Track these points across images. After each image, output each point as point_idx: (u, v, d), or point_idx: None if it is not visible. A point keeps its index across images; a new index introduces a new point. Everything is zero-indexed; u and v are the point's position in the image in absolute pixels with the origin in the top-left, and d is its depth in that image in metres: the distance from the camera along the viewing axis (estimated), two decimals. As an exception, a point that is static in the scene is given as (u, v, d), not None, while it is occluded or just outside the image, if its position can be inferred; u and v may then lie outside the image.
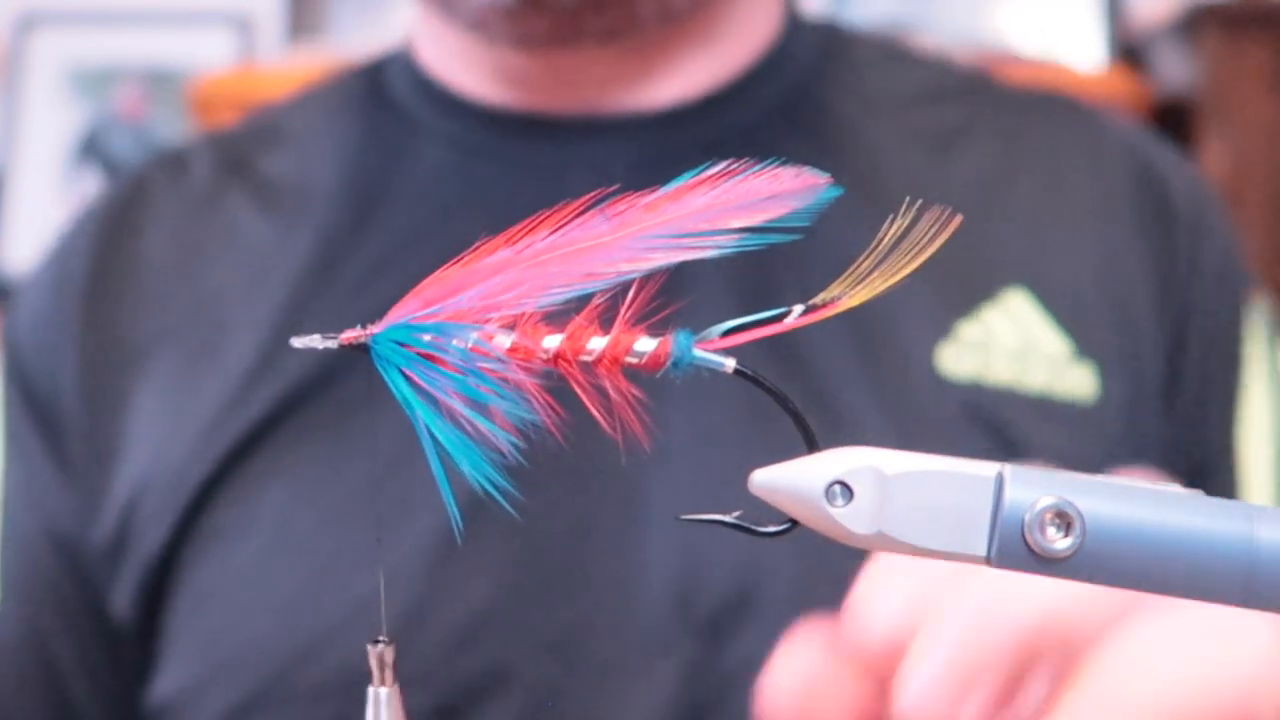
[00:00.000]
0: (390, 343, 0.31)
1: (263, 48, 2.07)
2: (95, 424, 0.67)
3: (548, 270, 0.31)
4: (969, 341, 0.64)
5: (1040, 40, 1.84)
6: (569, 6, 0.64)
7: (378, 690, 0.33)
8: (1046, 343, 0.65)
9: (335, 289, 0.67)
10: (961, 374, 0.63)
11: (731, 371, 0.31)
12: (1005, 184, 0.70)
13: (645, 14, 0.66)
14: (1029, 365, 0.64)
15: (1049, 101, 0.76)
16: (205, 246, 0.71)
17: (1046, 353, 0.64)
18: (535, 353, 0.31)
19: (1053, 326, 0.65)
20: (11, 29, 2.09)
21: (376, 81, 0.75)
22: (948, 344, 0.64)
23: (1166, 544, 0.29)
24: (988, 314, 0.65)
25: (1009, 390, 0.63)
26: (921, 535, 0.29)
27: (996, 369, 0.64)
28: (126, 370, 0.67)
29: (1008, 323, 0.65)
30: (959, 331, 0.64)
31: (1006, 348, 0.64)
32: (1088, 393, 0.64)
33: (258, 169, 0.73)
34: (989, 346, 0.64)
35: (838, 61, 0.73)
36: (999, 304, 0.65)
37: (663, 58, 0.69)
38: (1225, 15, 1.61)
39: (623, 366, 0.31)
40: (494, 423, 0.31)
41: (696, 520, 0.33)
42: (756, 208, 0.31)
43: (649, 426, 0.31)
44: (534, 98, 0.70)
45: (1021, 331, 0.65)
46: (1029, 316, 0.65)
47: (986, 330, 0.64)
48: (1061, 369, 0.64)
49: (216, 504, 0.63)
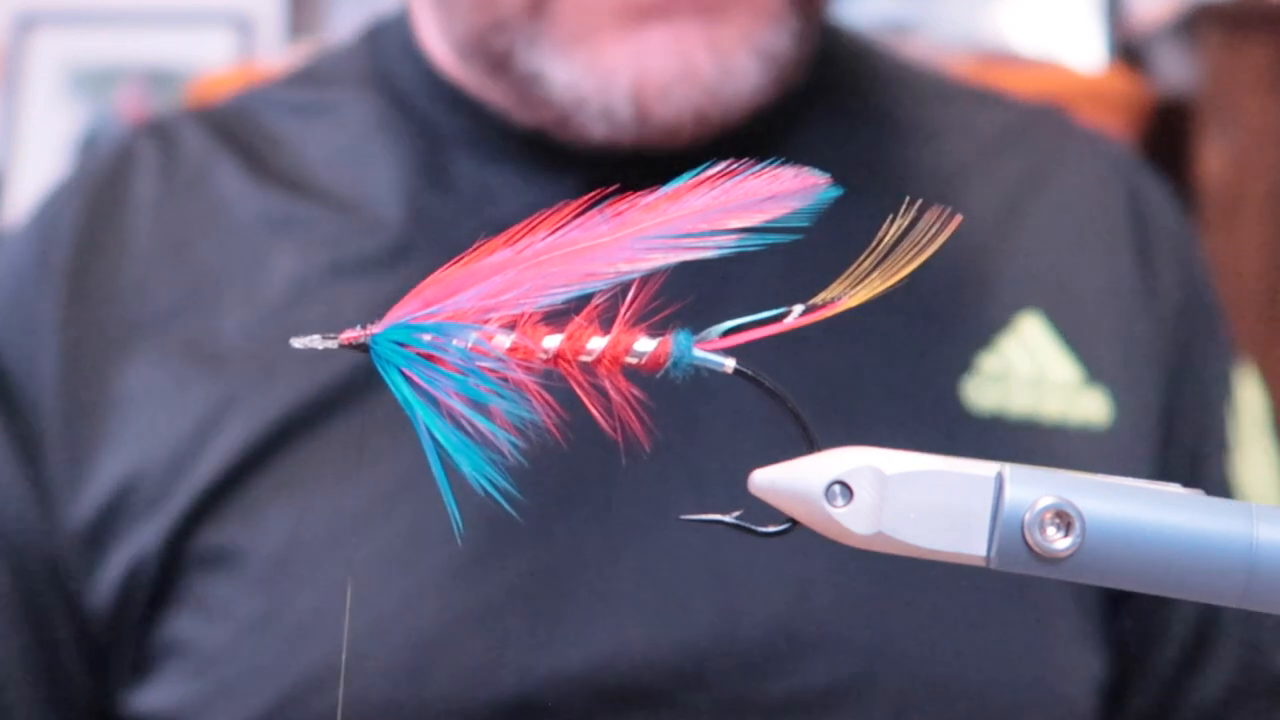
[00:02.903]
0: (390, 343, 0.31)
1: (263, 48, 2.06)
2: (75, 406, 0.64)
3: (548, 270, 0.31)
4: (990, 374, 0.64)
5: (1040, 40, 1.84)
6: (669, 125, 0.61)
7: None
8: (1059, 370, 0.65)
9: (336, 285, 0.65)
10: (985, 407, 0.64)
11: (731, 371, 0.31)
12: (1019, 208, 0.70)
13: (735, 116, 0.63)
14: (1044, 394, 0.64)
15: (1046, 117, 0.75)
16: (198, 222, 0.68)
17: (1059, 380, 0.65)
18: (535, 353, 0.31)
19: (1065, 352, 0.66)
20: (11, 29, 2.08)
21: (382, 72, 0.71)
22: (970, 377, 0.64)
23: (1166, 543, 0.29)
24: (1005, 344, 0.65)
25: (1029, 421, 0.64)
26: (921, 535, 0.29)
27: (1017, 400, 0.64)
28: (113, 350, 0.65)
29: (1023, 351, 0.65)
30: (981, 364, 0.65)
31: (1023, 377, 0.64)
32: (1101, 419, 0.65)
33: (250, 144, 0.70)
34: (1008, 377, 0.64)
35: (867, 88, 0.73)
36: (1015, 332, 0.66)
37: None
38: (1225, 15, 1.60)
39: (623, 367, 0.31)
40: (494, 423, 0.31)
41: (696, 520, 0.33)
42: (756, 208, 0.31)
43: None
44: None
45: (1036, 359, 0.65)
46: (1042, 342, 0.66)
47: (1005, 361, 0.65)
48: (1074, 396, 0.65)
49: (224, 515, 0.61)
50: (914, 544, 0.29)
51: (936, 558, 0.30)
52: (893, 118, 0.72)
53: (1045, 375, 0.65)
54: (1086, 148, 0.74)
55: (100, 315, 0.66)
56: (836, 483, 0.30)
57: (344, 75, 0.73)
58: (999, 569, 0.29)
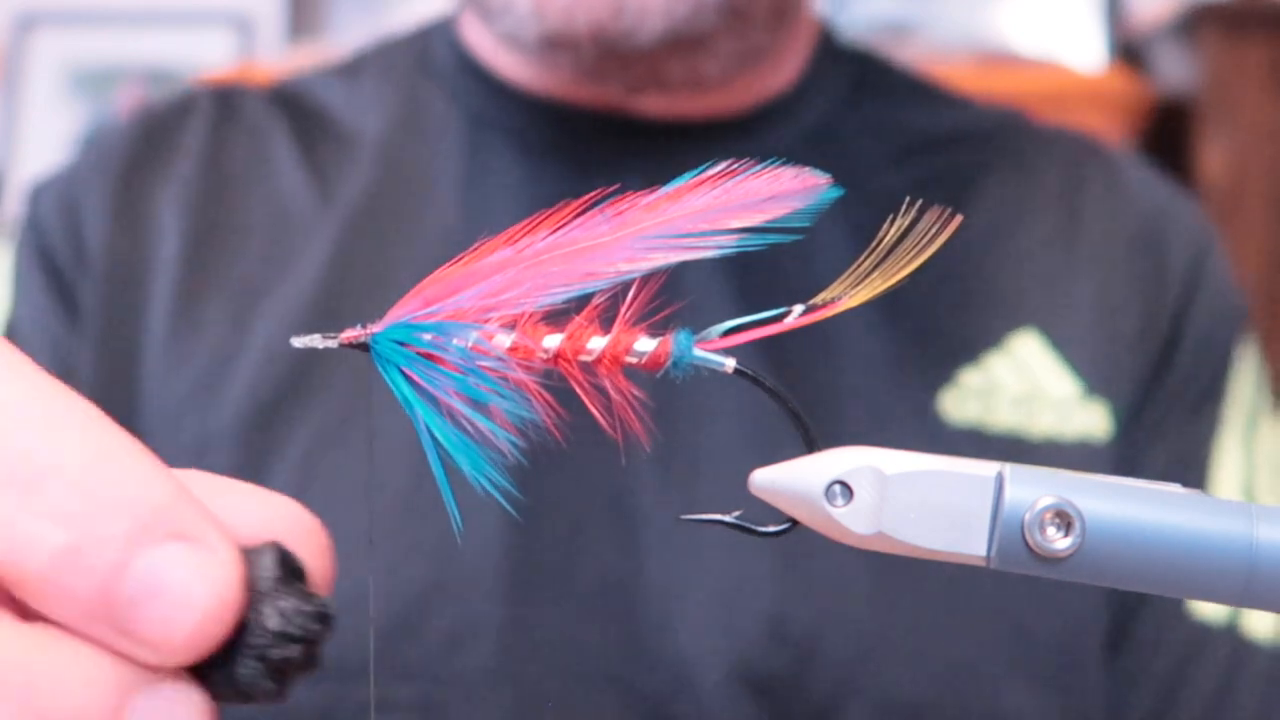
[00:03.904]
0: (390, 342, 0.31)
1: (263, 48, 2.06)
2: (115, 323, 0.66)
3: (548, 270, 0.31)
4: (971, 388, 0.65)
5: (1040, 40, 1.84)
6: (645, 51, 0.62)
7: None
8: (1055, 385, 0.65)
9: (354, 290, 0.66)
10: (962, 419, 0.64)
11: (731, 371, 0.31)
12: (1019, 224, 0.70)
13: (726, 61, 0.65)
14: (1034, 410, 0.65)
15: (1071, 142, 0.75)
16: (241, 179, 0.70)
17: (1054, 396, 0.65)
18: (535, 352, 0.31)
19: (1063, 367, 0.66)
20: (11, 29, 2.08)
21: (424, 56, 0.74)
22: (949, 389, 0.64)
23: (1166, 543, 0.29)
24: (993, 362, 0.65)
25: (1012, 435, 0.64)
26: (921, 535, 0.29)
27: (999, 415, 0.64)
28: (144, 277, 0.67)
29: (1013, 370, 0.65)
30: (961, 378, 0.65)
31: (1010, 394, 0.65)
32: (1101, 432, 0.65)
33: (303, 121, 0.72)
34: (992, 393, 0.65)
35: (866, 95, 0.73)
36: (1006, 351, 0.66)
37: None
38: (1225, 15, 1.60)
39: (623, 366, 0.31)
40: (494, 422, 0.31)
41: (696, 521, 0.33)
42: (756, 208, 0.31)
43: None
44: (569, 90, 0.69)
45: (1028, 377, 0.65)
46: (1038, 359, 0.66)
47: (989, 378, 0.65)
48: (1070, 411, 0.65)
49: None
50: (914, 544, 0.29)
51: (936, 557, 0.30)
52: (891, 137, 0.72)
53: (1039, 391, 0.65)
54: (1107, 170, 0.73)
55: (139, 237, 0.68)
56: (836, 483, 0.30)
57: (392, 63, 0.75)
58: (999, 569, 0.29)
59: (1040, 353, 0.66)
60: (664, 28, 0.61)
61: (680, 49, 0.63)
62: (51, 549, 0.24)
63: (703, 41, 0.64)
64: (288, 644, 0.26)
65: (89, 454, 0.25)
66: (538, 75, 0.69)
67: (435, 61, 0.74)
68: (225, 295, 0.66)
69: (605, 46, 0.62)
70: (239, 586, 0.25)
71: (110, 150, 0.71)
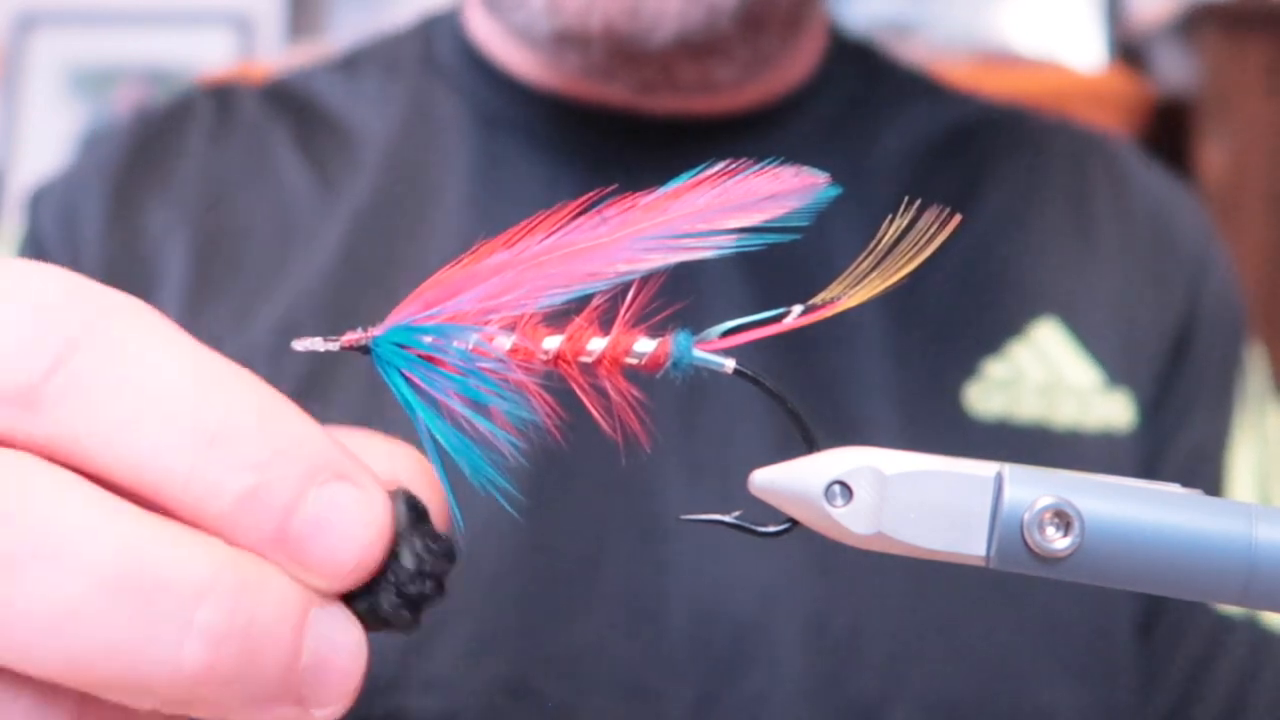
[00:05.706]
0: (391, 345, 0.31)
1: (263, 48, 2.07)
2: None
3: (548, 271, 0.31)
4: (996, 379, 0.64)
5: (1040, 40, 1.84)
6: (656, 54, 0.62)
7: None
8: (1076, 375, 0.65)
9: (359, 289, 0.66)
10: (988, 412, 0.64)
11: (731, 372, 0.31)
12: (1034, 215, 0.70)
13: (738, 67, 0.65)
14: (1057, 400, 0.64)
15: (1075, 132, 0.76)
16: (241, 181, 0.70)
17: (1075, 386, 0.65)
18: (535, 354, 0.31)
19: (1084, 356, 0.66)
20: (11, 29, 2.08)
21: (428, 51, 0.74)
22: (974, 383, 0.64)
23: (1166, 543, 0.29)
24: (1016, 351, 0.65)
25: (1038, 426, 0.64)
26: (921, 535, 0.30)
27: (1024, 405, 0.64)
28: (145, 285, 0.66)
29: (1036, 358, 0.65)
30: (985, 369, 0.65)
31: (1035, 384, 0.64)
32: (1124, 422, 0.65)
33: (302, 118, 0.72)
34: (1017, 384, 0.64)
35: (877, 90, 0.73)
36: (1027, 339, 0.66)
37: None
38: (1225, 15, 1.61)
39: (623, 367, 0.31)
40: (495, 424, 0.31)
41: (696, 520, 0.33)
42: (756, 208, 0.31)
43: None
44: (577, 87, 0.69)
45: (1050, 366, 0.65)
46: (1059, 349, 0.66)
47: (1014, 368, 0.65)
48: (1091, 401, 0.65)
49: None
50: (913, 544, 0.29)
51: (936, 558, 0.30)
52: (904, 132, 0.72)
53: (1061, 381, 0.65)
54: (1115, 161, 0.74)
55: (135, 242, 0.67)
56: (836, 483, 0.30)
57: (395, 58, 0.75)
58: (998, 569, 0.30)
59: (1061, 341, 0.66)
60: (677, 32, 0.61)
61: (692, 54, 0.63)
62: (235, 492, 0.27)
63: (716, 47, 0.64)
64: (423, 580, 0.29)
65: (262, 410, 0.28)
66: (546, 71, 0.69)
67: (440, 57, 0.73)
68: (230, 300, 0.66)
69: (617, 46, 0.61)
70: (391, 523, 0.29)
71: (107, 156, 0.71)
